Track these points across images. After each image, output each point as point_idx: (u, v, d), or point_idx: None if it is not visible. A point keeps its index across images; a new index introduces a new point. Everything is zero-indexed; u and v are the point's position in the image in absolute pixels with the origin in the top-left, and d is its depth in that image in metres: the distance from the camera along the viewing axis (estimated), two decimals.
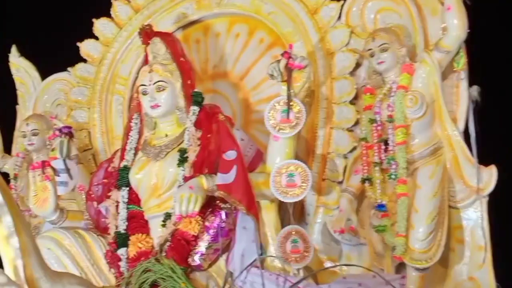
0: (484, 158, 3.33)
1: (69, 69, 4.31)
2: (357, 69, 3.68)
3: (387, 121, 3.39)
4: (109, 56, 4.18)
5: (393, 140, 3.36)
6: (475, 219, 3.36)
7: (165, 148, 3.38)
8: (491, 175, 3.32)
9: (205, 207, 3.19)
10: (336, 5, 3.75)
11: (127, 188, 3.41)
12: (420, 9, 3.58)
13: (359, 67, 3.68)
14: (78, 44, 4.22)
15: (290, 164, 3.25)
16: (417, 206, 3.27)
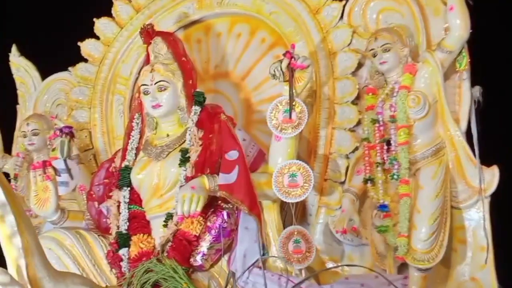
0: (486, 158, 3.33)
1: (69, 68, 4.30)
2: (359, 69, 3.68)
3: (390, 121, 3.38)
4: (110, 56, 4.17)
5: (395, 140, 3.36)
6: (477, 220, 3.35)
7: (166, 148, 3.37)
8: (493, 176, 3.32)
9: (207, 207, 3.18)
10: (338, 5, 3.75)
11: (129, 188, 3.40)
12: (422, 9, 3.58)
13: (361, 67, 3.67)
14: (79, 43, 4.21)
15: (292, 164, 3.24)
16: (419, 206, 3.27)
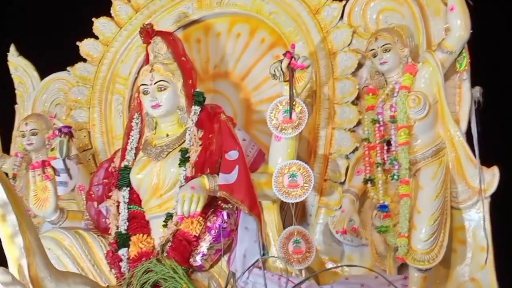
0: (487, 158, 3.33)
1: (68, 68, 4.28)
2: (359, 69, 3.67)
3: (390, 121, 3.38)
4: (109, 55, 4.16)
5: (395, 140, 3.36)
6: (477, 220, 3.35)
7: (166, 148, 3.37)
8: (493, 176, 3.32)
9: (206, 207, 3.17)
10: (338, 5, 3.75)
11: (128, 188, 3.38)
12: (422, 9, 3.57)
13: (361, 67, 3.67)
14: (78, 43, 4.20)
15: (292, 165, 3.24)
16: (419, 207, 3.27)
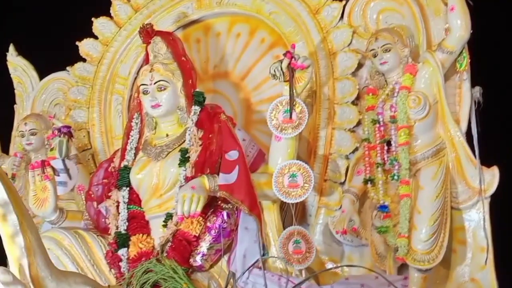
0: (487, 159, 3.32)
1: (68, 68, 4.28)
2: (359, 69, 3.67)
3: (390, 121, 3.38)
4: (108, 55, 4.16)
5: (395, 141, 3.35)
6: (477, 220, 3.34)
7: (166, 148, 3.36)
8: (493, 176, 3.31)
9: (206, 207, 3.17)
10: (338, 5, 3.74)
11: (128, 188, 3.38)
12: (422, 9, 3.57)
13: (361, 67, 3.66)
14: (77, 43, 4.19)
15: (292, 165, 3.24)
16: (419, 207, 3.26)
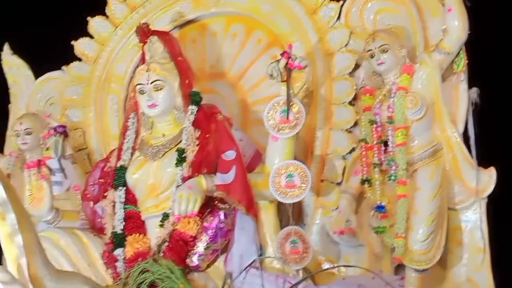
0: (484, 160, 3.34)
1: (63, 67, 4.25)
2: (356, 70, 3.67)
3: (387, 122, 3.39)
4: (104, 55, 4.13)
5: (393, 141, 3.36)
6: (474, 221, 3.36)
7: (162, 148, 3.35)
8: (490, 177, 3.33)
9: (203, 207, 3.17)
10: (336, 5, 3.74)
11: (124, 188, 3.36)
12: (420, 10, 3.58)
13: (358, 68, 3.66)
14: (73, 42, 4.17)
15: (289, 165, 3.24)
16: (416, 207, 3.27)
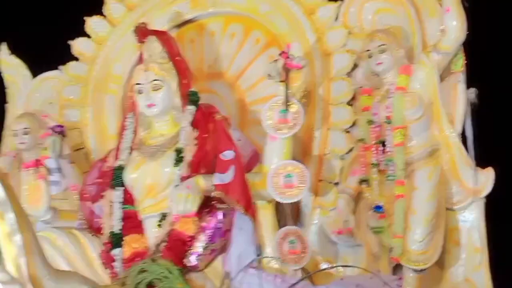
0: (481, 160, 3.35)
1: (60, 67, 4.24)
2: (354, 70, 3.67)
3: (385, 122, 3.39)
4: (102, 54, 4.12)
5: (391, 141, 3.37)
6: (471, 221, 3.37)
7: (160, 147, 3.35)
8: (488, 177, 3.34)
9: (202, 207, 3.17)
10: (334, 5, 3.75)
11: (122, 188, 3.36)
12: (418, 10, 3.59)
13: (356, 68, 3.66)
14: (70, 42, 4.16)
15: (288, 165, 3.24)
16: (414, 207, 3.27)
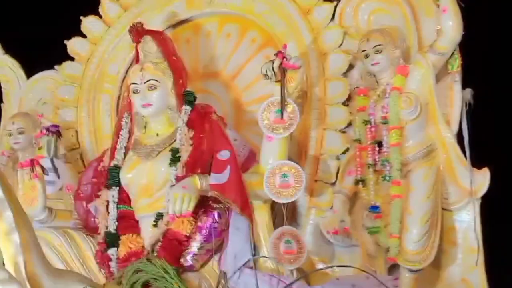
0: (478, 160, 3.34)
1: (56, 67, 4.24)
2: (350, 70, 3.67)
3: (381, 122, 3.39)
4: (97, 54, 4.13)
5: (387, 141, 3.36)
6: (468, 222, 3.37)
7: (156, 147, 3.34)
8: (484, 178, 3.33)
9: (197, 207, 3.15)
10: (330, 5, 3.75)
11: (118, 188, 3.35)
12: (414, 10, 3.59)
13: (352, 68, 3.67)
14: (66, 42, 4.16)
15: (284, 165, 3.23)
16: (410, 208, 3.27)
